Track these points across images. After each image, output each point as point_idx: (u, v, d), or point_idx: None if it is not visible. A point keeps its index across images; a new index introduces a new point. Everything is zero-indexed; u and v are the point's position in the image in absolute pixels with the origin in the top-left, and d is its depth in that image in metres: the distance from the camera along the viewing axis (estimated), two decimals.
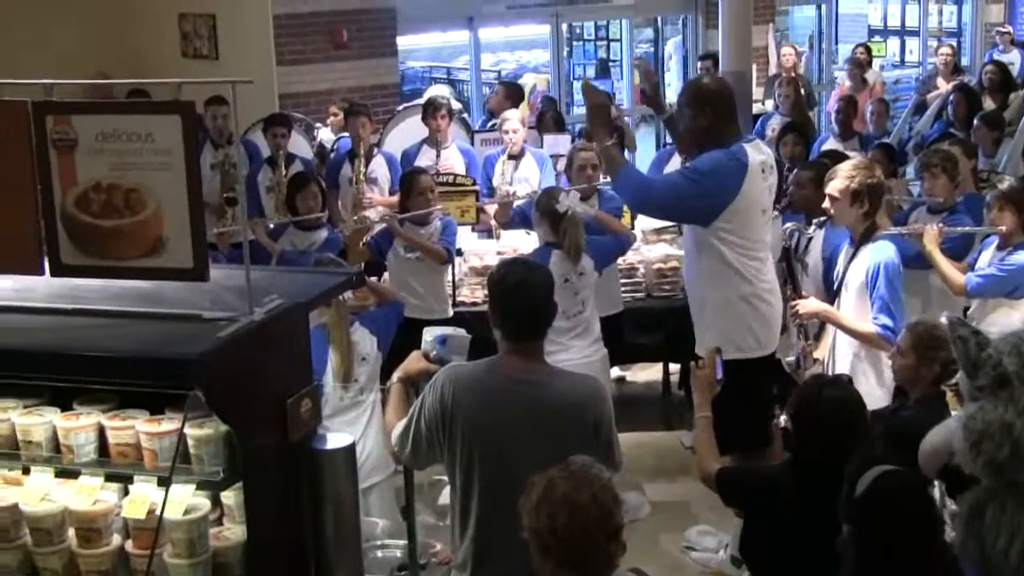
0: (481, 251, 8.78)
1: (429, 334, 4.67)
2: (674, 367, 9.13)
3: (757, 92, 13.77)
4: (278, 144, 9.86)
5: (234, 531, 3.87)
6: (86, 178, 3.98)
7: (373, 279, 7.24)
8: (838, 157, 7.44)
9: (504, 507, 3.83)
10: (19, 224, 4.07)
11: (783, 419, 4.45)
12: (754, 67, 13.19)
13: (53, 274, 4.06)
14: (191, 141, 3.89)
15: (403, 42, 13.81)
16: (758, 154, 6.01)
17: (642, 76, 7.32)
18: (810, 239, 6.86)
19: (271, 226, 8.25)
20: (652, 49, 17.87)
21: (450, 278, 8.20)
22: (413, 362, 4.61)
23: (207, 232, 4.25)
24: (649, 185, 6.32)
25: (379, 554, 4.88)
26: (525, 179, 9.47)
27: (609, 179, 6.70)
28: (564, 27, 15.90)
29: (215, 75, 12.04)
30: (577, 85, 16.85)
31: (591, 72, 17.74)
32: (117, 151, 3.94)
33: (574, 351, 6.87)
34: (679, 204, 6.00)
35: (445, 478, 4.53)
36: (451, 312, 7.95)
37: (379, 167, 9.95)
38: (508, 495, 3.63)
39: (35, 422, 3.85)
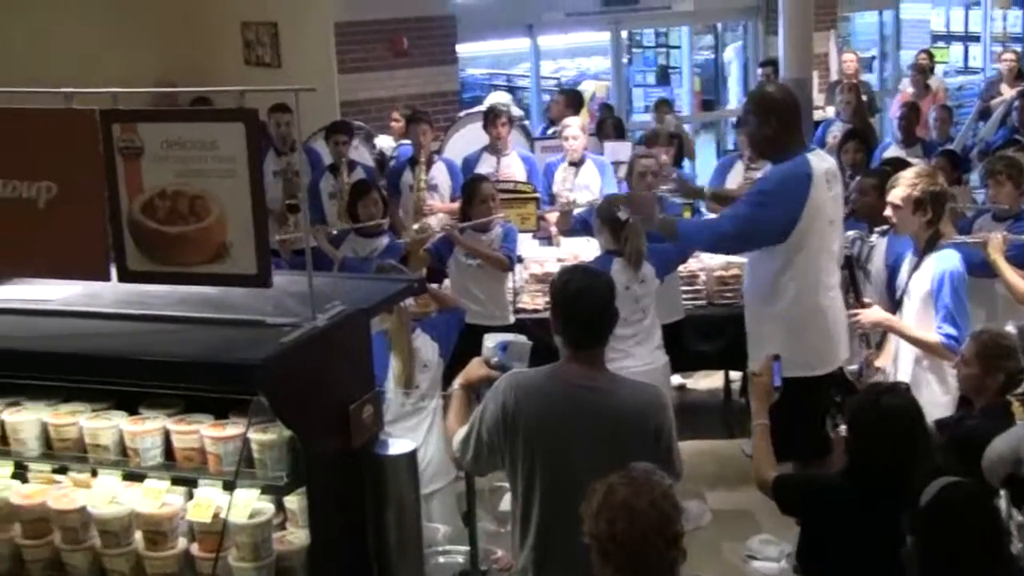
0: (541, 258, 8.78)
1: (490, 341, 4.68)
2: (735, 375, 9.07)
3: (818, 99, 13.69)
4: (340, 151, 9.92)
5: (297, 535, 3.89)
6: (152, 185, 4.02)
7: (434, 286, 7.26)
8: (901, 164, 7.36)
9: (564, 513, 3.83)
10: (88, 231, 4.13)
11: (842, 428, 4.42)
12: (815, 74, 13.11)
13: (120, 280, 4.11)
14: (254, 148, 3.92)
15: (463, 49, 13.85)
16: (822, 163, 5.97)
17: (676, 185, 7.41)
18: (872, 247, 6.80)
19: (333, 233, 8.30)
20: (712, 56, 17.82)
21: (511, 285, 8.21)
22: (474, 369, 4.63)
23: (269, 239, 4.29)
24: (715, 229, 6.30)
25: (440, 560, 4.88)
26: (585, 186, 9.47)
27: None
28: (624, 34, 15.89)
29: (277, 83, 12.09)
30: (638, 90, 16.87)
31: (651, 79, 17.70)
32: (182, 158, 3.98)
33: (635, 358, 6.85)
34: (753, 234, 5.96)
35: (506, 484, 4.54)
36: (512, 319, 7.95)
37: (440, 174, 9.99)
38: (568, 501, 3.63)
39: (103, 426, 3.90)
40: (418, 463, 4.23)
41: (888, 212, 6.13)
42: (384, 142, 11.66)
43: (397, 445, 4.09)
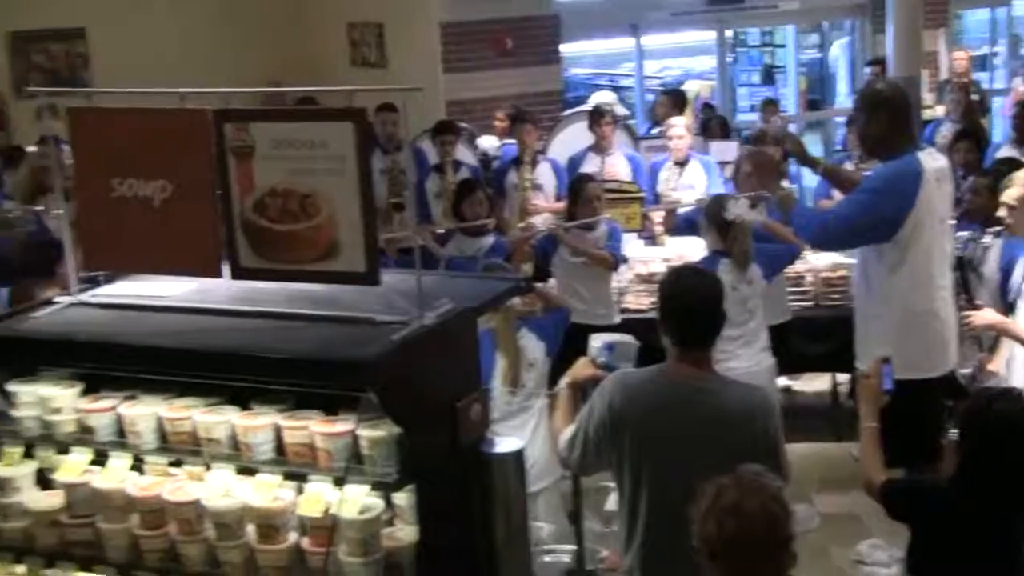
0: (646, 258, 8.75)
1: (597, 340, 4.67)
2: (843, 377, 8.95)
3: (928, 98, 13.47)
4: (446, 151, 9.97)
5: (406, 532, 3.91)
6: (263, 184, 4.06)
7: (540, 284, 7.27)
8: (1015, 164, 7.23)
9: (672, 514, 3.81)
10: (201, 228, 4.19)
11: (953, 433, 4.34)
12: (924, 72, 12.90)
13: (233, 277, 4.17)
14: (363, 147, 3.94)
15: (567, 49, 13.86)
16: (933, 161, 5.88)
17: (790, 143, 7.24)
18: (986, 249, 6.68)
19: (439, 232, 8.35)
20: (818, 54, 17.62)
21: (615, 285, 8.19)
22: (581, 368, 4.62)
23: None
24: (823, 220, 6.23)
25: (546, 559, 4.90)
26: (690, 186, 9.43)
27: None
28: (729, 33, 15.77)
29: (383, 83, 12.21)
30: (743, 90, 16.72)
31: (755, 78, 17.56)
32: (292, 157, 4.01)
33: (741, 360, 6.79)
34: (861, 229, 5.88)
35: (611, 484, 4.53)
36: (617, 318, 7.93)
37: (545, 174, 10.00)
38: (676, 502, 3.61)
39: (216, 420, 3.95)
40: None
41: (1002, 213, 6.02)
42: (487, 142, 11.70)
43: (505, 443, 4.10)
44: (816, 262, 8.46)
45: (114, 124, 4.30)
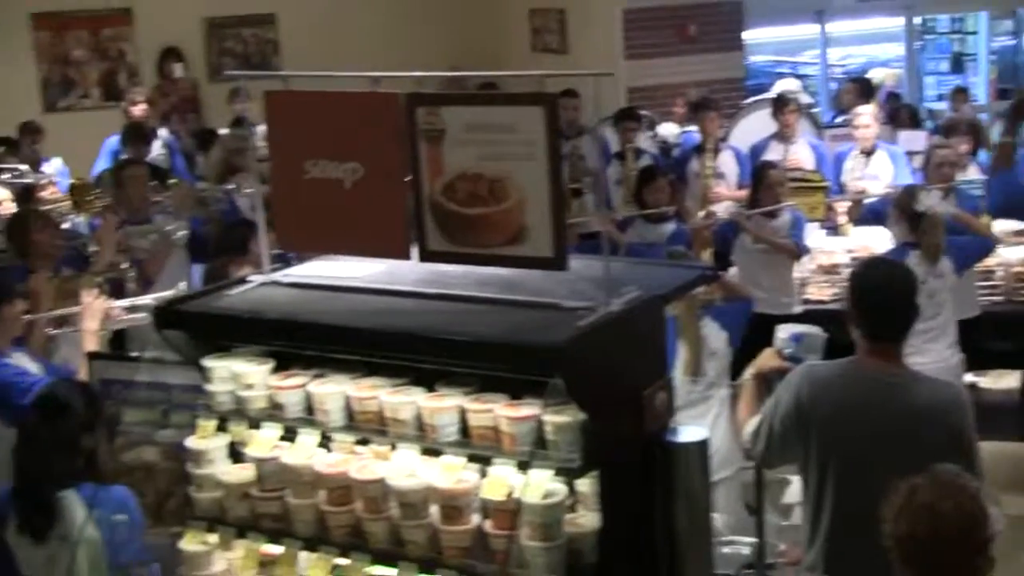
0: (830, 249, 8.58)
1: (783, 332, 4.59)
2: None
3: None
4: (627, 138, 9.93)
5: (588, 519, 3.90)
6: (453, 167, 4.08)
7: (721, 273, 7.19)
8: None
9: (859, 510, 3.74)
10: (391, 211, 4.24)
11: None
12: None
13: (421, 259, 4.21)
14: (553, 132, 3.93)
15: (749, 36, 13.66)
16: None
17: None
18: None
19: (619, 219, 8.32)
20: (1011, 42, 17.05)
21: (797, 275, 8.05)
22: (767, 359, 4.55)
23: None
24: None
25: (725, 550, 4.83)
26: (876, 176, 9.21)
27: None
28: (917, 20, 15.36)
29: (564, 69, 12.24)
30: (929, 78, 16.29)
31: (943, 67, 17.06)
32: (482, 141, 4.02)
33: (929, 355, 6.61)
34: None
35: (789, 476, 4.46)
36: (799, 308, 7.81)
37: (727, 162, 9.90)
38: (863, 498, 3.54)
39: (402, 401, 3.99)
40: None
41: None
42: (667, 129, 11.61)
43: (689, 433, 4.05)
44: (1008, 256, 8.19)
45: (308, 107, 4.38)
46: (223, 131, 10.58)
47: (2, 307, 5.42)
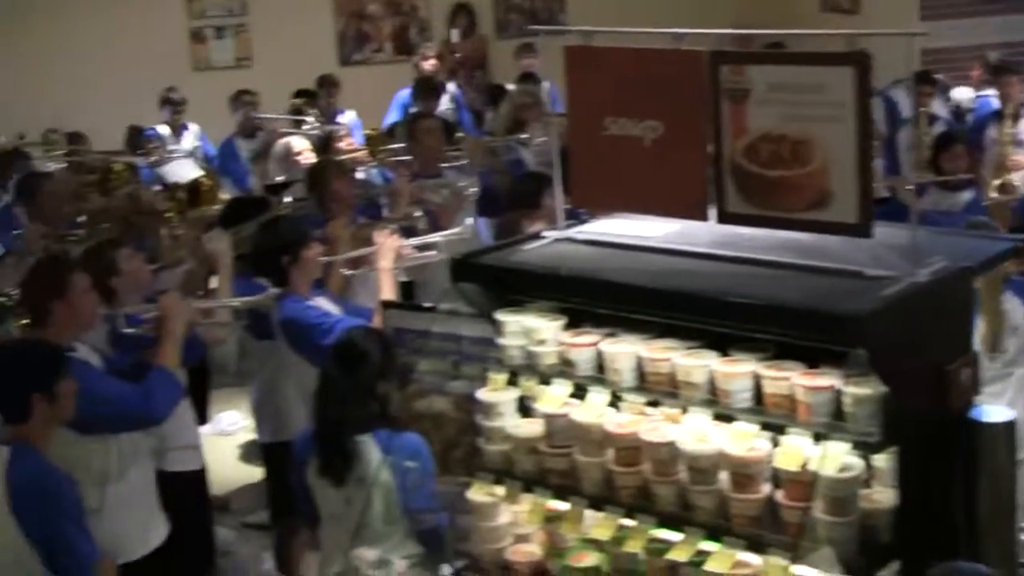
0: None
1: None
2: None
3: None
4: (923, 103, 9.56)
5: (884, 495, 3.77)
6: (755, 128, 4.00)
7: None
8: None
9: None
10: (690, 171, 4.18)
11: None
12: None
13: (719, 221, 4.13)
14: (864, 94, 3.79)
15: None
16: None
17: None
18: None
19: (913, 185, 8.02)
20: None
21: None
22: None
23: None
24: None
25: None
26: None
27: None
28: None
29: (855, 28, 11.85)
30: None
31: None
32: (787, 102, 3.93)
33: None
34: None
35: None
36: None
37: None
38: None
39: (695, 364, 3.93)
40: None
41: None
42: (961, 94, 11.10)
43: (995, 412, 3.87)
44: None
45: (609, 63, 4.34)
46: (510, 86, 10.69)
47: (301, 250, 5.62)
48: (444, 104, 11.13)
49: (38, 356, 4.46)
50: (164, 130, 10.80)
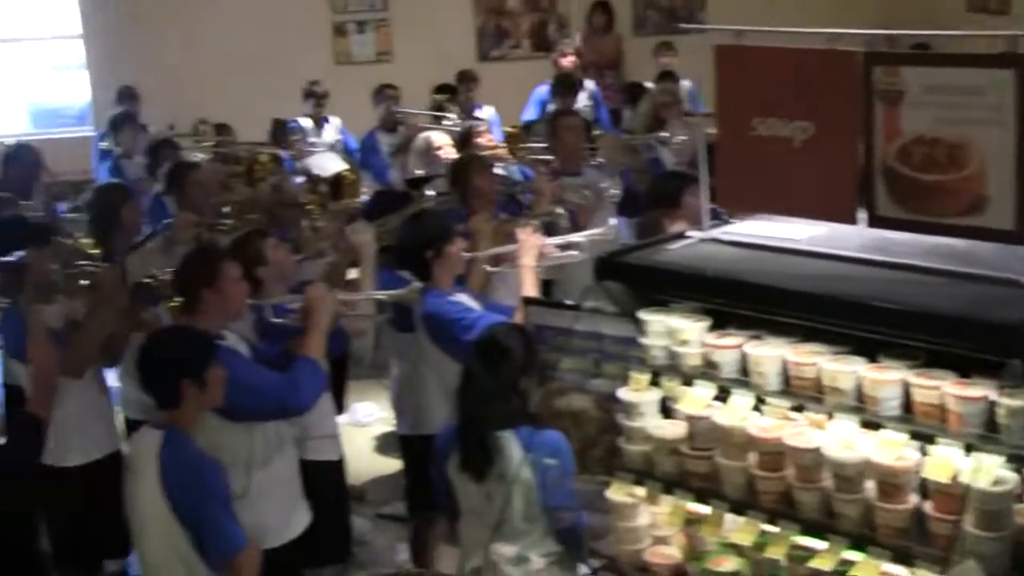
0: None
1: None
2: None
3: None
4: None
5: None
6: (909, 131, 3.94)
7: None
8: None
9: None
10: (839, 173, 4.13)
11: None
12: None
13: (869, 225, 4.07)
14: None
15: None
16: None
17: None
18: None
19: None
20: None
21: None
22: None
23: None
24: None
25: None
26: None
27: None
28: None
29: (1004, 30, 11.56)
30: None
31: None
32: (943, 104, 3.87)
33: None
34: None
35: None
36: None
37: None
38: None
39: (842, 369, 3.87)
40: None
41: None
42: None
43: None
44: None
45: (760, 63, 4.31)
46: (649, 84, 10.64)
47: (444, 245, 5.65)
48: (582, 101, 11.11)
49: (189, 343, 4.56)
50: (306, 123, 10.96)
